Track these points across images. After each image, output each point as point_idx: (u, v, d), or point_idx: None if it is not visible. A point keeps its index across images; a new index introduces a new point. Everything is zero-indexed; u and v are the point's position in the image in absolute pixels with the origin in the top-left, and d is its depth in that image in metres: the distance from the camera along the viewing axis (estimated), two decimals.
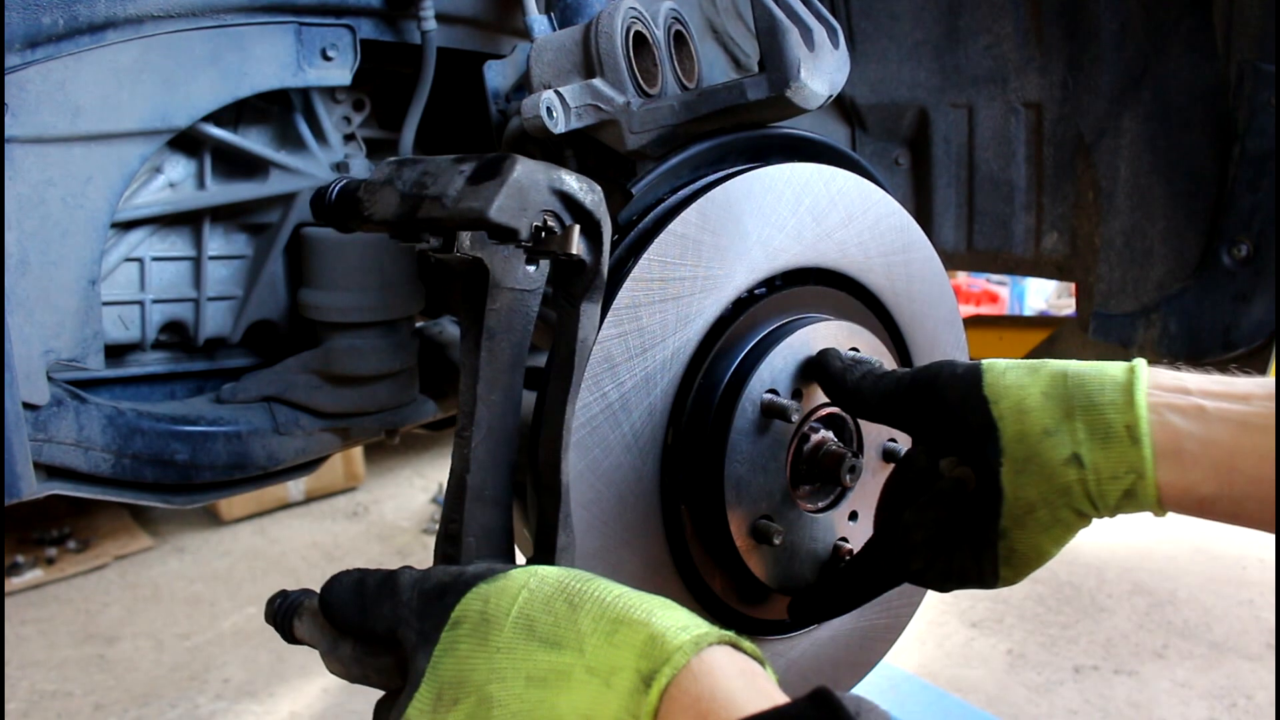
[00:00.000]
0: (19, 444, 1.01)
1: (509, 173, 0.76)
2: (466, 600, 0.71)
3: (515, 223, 0.76)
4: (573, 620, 0.66)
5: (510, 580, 0.71)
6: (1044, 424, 0.78)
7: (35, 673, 3.43)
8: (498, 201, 0.75)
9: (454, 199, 0.77)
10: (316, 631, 0.82)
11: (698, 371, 0.96)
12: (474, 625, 0.69)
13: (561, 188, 0.79)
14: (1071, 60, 1.58)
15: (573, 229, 0.79)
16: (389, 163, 0.86)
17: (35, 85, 0.98)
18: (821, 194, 1.04)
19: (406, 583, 0.75)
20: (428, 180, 0.81)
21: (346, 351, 1.28)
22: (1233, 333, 1.50)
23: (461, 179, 0.78)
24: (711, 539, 0.98)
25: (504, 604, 0.69)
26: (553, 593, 0.69)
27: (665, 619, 0.64)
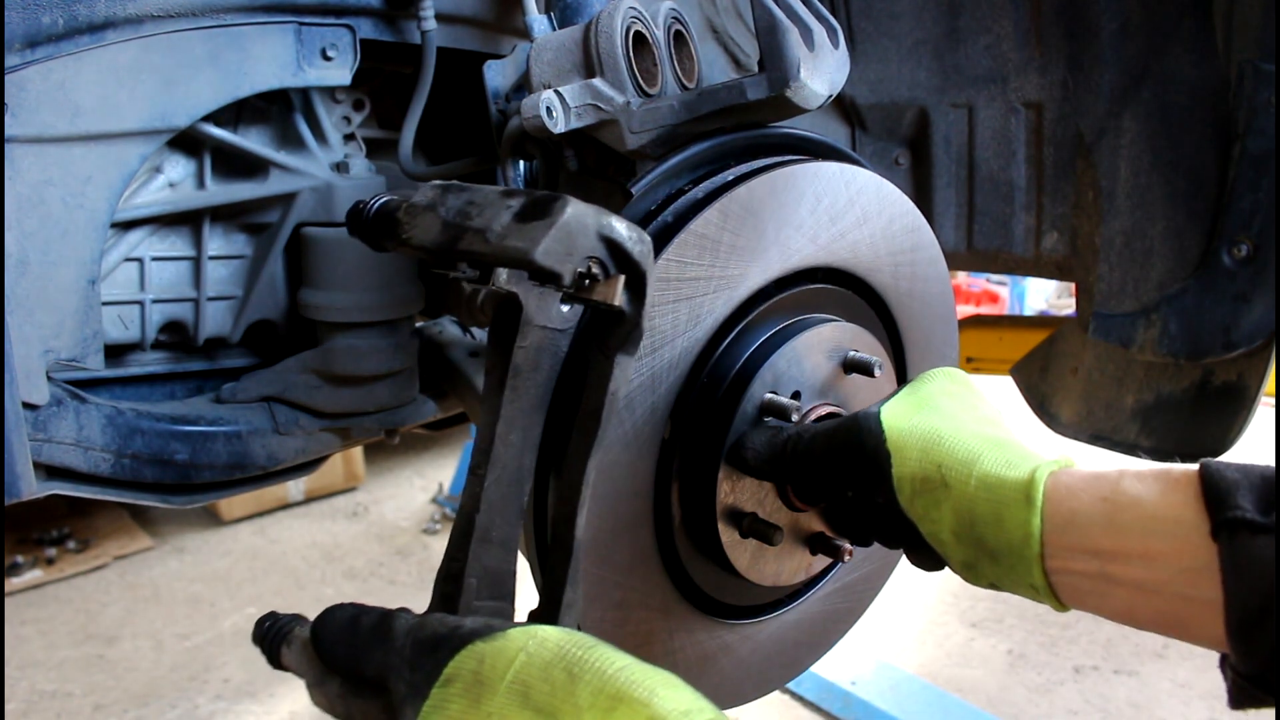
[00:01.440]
0: (19, 444, 1.01)
1: (559, 214, 0.73)
2: (461, 657, 0.68)
3: (560, 267, 0.73)
4: (570, 691, 0.63)
5: (508, 641, 0.68)
6: (962, 559, 0.84)
7: (35, 673, 3.43)
8: (544, 244, 0.72)
9: (499, 235, 0.75)
10: (305, 663, 0.80)
11: (702, 369, 0.96)
12: (466, 685, 0.67)
13: (611, 235, 0.76)
14: (1071, 60, 1.58)
15: (617, 279, 0.76)
16: (434, 186, 0.83)
17: (35, 85, 0.98)
18: (841, 194, 1.04)
19: (401, 629, 0.73)
20: (472, 211, 0.78)
21: (346, 351, 1.28)
22: (1233, 332, 1.50)
23: (509, 214, 0.75)
24: (699, 532, 0.98)
25: (500, 666, 0.66)
26: (552, 659, 0.66)
27: (667, 700, 0.62)
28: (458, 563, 0.83)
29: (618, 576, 0.95)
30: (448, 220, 0.78)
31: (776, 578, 1.04)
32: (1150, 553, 0.74)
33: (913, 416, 0.88)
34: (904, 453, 0.86)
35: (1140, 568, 0.75)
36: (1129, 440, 1.70)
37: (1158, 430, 1.66)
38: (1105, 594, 0.77)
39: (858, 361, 1.03)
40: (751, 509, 0.99)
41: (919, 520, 0.85)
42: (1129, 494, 0.76)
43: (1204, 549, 0.71)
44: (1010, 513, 0.80)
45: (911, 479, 0.85)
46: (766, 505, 1.00)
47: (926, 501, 0.84)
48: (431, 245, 0.79)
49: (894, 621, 3.61)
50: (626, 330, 0.79)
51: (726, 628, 1.07)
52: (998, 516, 0.80)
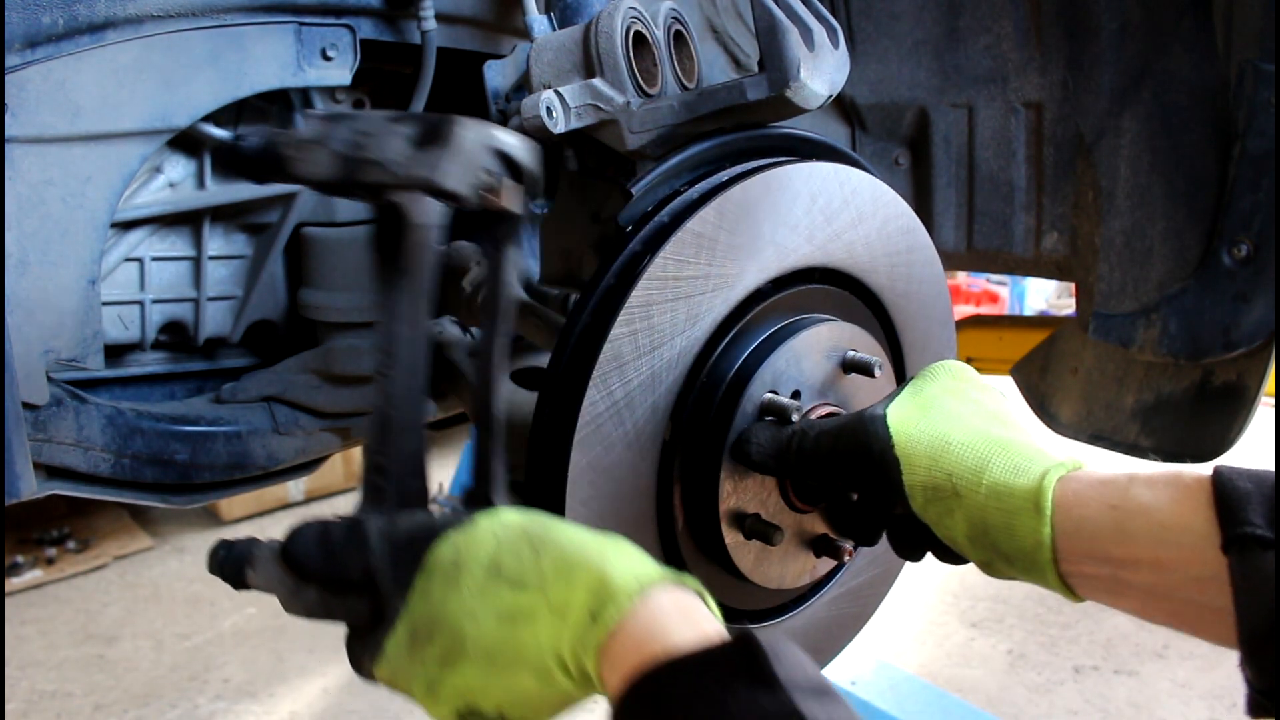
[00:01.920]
0: (19, 444, 1.01)
1: (454, 138, 0.78)
2: (439, 549, 0.77)
3: (461, 188, 0.79)
4: (536, 563, 0.73)
5: (478, 529, 0.77)
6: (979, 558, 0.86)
7: (35, 673, 3.43)
8: (444, 168, 0.78)
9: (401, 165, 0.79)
10: (274, 579, 0.84)
11: (701, 369, 0.96)
12: (446, 571, 0.75)
13: (500, 147, 0.81)
14: (1071, 60, 1.58)
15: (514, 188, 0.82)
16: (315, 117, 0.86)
17: (35, 85, 0.98)
18: (836, 194, 1.04)
19: (374, 534, 0.80)
20: (366, 142, 0.81)
21: (346, 351, 1.28)
22: (1233, 332, 1.50)
23: (403, 143, 0.79)
24: (702, 533, 0.98)
25: (475, 551, 0.75)
26: (518, 538, 0.75)
27: (616, 561, 0.72)
28: (382, 455, 0.89)
29: None
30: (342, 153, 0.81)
31: (781, 581, 1.04)
32: (1160, 561, 0.75)
33: (919, 420, 0.89)
34: (913, 460, 0.87)
35: (1150, 573, 0.76)
36: (1129, 440, 1.70)
37: (1158, 430, 1.66)
38: (1118, 594, 0.79)
39: (857, 361, 1.03)
40: (754, 510, 0.99)
41: (934, 525, 0.87)
42: (1138, 501, 0.77)
43: (1214, 558, 0.72)
44: (1021, 521, 0.81)
45: (923, 488, 0.86)
46: (769, 506, 1.00)
47: (939, 509, 0.86)
48: (327, 178, 0.82)
49: (894, 621, 3.61)
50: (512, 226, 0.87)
51: None
52: (1009, 526, 0.82)
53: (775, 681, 0.60)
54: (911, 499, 0.87)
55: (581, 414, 0.88)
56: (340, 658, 3.54)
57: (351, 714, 3.17)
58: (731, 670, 0.62)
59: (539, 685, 0.72)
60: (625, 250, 0.93)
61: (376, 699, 3.23)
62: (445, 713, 0.76)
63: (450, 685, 0.74)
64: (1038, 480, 0.81)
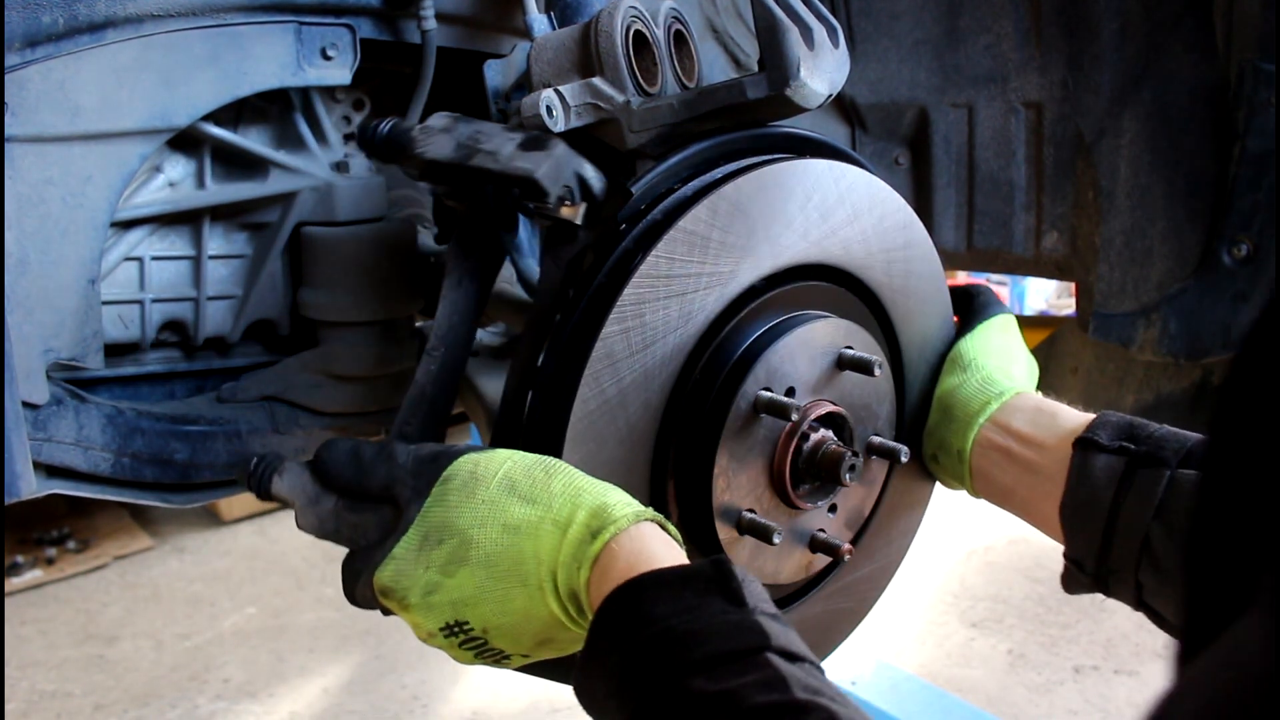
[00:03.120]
0: (19, 443, 1.01)
1: (554, 149, 0.95)
2: (459, 462, 0.84)
3: (551, 187, 0.93)
4: (547, 484, 0.81)
5: (496, 453, 0.85)
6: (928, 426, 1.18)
7: (35, 673, 3.43)
8: (544, 168, 0.93)
9: (509, 157, 0.95)
10: (297, 487, 0.93)
11: (695, 366, 0.97)
12: (463, 481, 0.83)
13: (581, 171, 0.97)
14: (1071, 60, 1.58)
15: (581, 205, 0.96)
16: (445, 115, 1.02)
17: (35, 84, 0.98)
18: (830, 191, 1.04)
19: (401, 450, 0.88)
20: (481, 138, 0.97)
21: (346, 351, 1.28)
22: (1233, 332, 1.50)
23: (512, 144, 0.96)
24: (696, 530, 0.99)
25: (492, 467, 0.83)
26: (533, 464, 0.84)
27: (616, 495, 0.81)
28: (410, 426, 1.03)
29: None
30: (461, 141, 0.97)
31: (776, 576, 1.04)
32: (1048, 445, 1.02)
33: None
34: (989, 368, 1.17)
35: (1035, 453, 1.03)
36: None
37: None
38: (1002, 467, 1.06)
39: (855, 360, 1.03)
40: (749, 506, 0.99)
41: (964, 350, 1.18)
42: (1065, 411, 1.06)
43: None
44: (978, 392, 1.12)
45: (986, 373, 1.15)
46: (764, 503, 1.00)
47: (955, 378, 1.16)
48: (445, 160, 0.98)
49: (894, 621, 3.61)
50: (578, 246, 0.97)
51: None
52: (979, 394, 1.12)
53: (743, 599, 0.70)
54: None
55: (574, 411, 0.89)
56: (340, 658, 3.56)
57: (351, 714, 3.17)
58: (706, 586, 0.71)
59: (528, 601, 0.79)
60: (618, 248, 0.94)
61: (376, 699, 3.23)
62: (434, 623, 0.82)
63: (446, 591, 0.80)
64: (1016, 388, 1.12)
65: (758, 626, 0.67)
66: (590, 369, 0.89)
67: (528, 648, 0.84)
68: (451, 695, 3.26)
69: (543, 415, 0.92)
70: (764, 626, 0.67)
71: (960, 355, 1.16)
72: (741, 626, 0.67)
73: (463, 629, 0.81)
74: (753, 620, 0.68)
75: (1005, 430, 1.06)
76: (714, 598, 0.69)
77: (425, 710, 3.19)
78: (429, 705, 3.21)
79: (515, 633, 0.81)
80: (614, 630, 0.71)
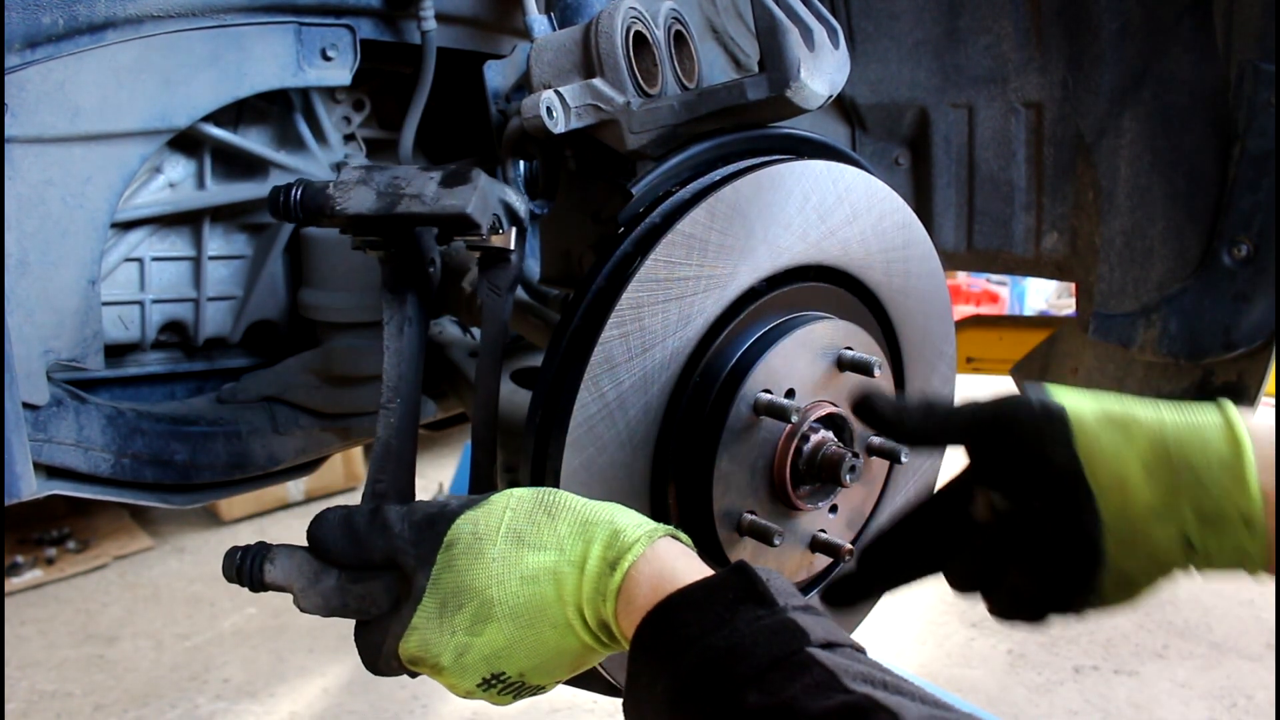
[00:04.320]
0: (19, 444, 1.01)
1: (477, 180, 0.96)
2: (458, 525, 0.82)
3: (482, 219, 0.96)
4: (553, 527, 0.80)
5: (493, 504, 0.83)
6: (1150, 503, 0.77)
7: (35, 673, 3.43)
8: (474, 202, 0.95)
9: (434, 197, 0.95)
10: (293, 571, 0.88)
11: (695, 369, 0.96)
12: (467, 544, 0.81)
13: (504, 198, 0.99)
14: (1071, 60, 1.58)
15: (511, 230, 0.99)
16: (356, 168, 1.01)
17: (35, 85, 0.98)
18: (829, 191, 1.04)
19: (395, 517, 0.86)
20: (401, 183, 0.97)
21: (346, 351, 1.28)
22: (1233, 333, 1.50)
23: (433, 184, 0.96)
24: (696, 531, 0.98)
25: (493, 523, 0.81)
26: (533, 507, 0.82)
27: (624, 518, 0.80)
28: (382, 483, 1.03)
29: None
30: (381, 191, 0.97)
31: None
32: None
33: None
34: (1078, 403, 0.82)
35: None
36: None
37: None
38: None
39: (855, 361, 1.03)
40: (749, 509, 0.99)
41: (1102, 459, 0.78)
42: None
43: None
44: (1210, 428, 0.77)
45: (1094, 415, 0.80)
46: (764, 504, 1.00)
47: (1116, 433, 0.79)
48: (370, 212, 0.97)
49: (894, 621, 3.61)
50: (512, 272, 1.00)
51: None
52: (1198, 433, 0.77)
53: (772, 600, 0.69)
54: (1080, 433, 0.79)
55: (573, 415, 0.89)
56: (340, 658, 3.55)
57: (351, 714, 3.17)
58: (734, 595, 0.70)
59: (559, 639, 0.79)
60: (616, 252, 0.93)
61: (376, 699, 3.23)
62: (471, 682, 0.81)
63: (478, 649, 0.80)
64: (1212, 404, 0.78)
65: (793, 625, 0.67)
66: (589, 373, 0.89)
67: (565, 674, 0.84)
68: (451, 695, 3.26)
69: (543, 420, 0.92)
70: (799, 624, 0.67)
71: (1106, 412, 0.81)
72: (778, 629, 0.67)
73: (500, 679, 0.81)
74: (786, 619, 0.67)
75: None
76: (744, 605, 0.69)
77: (425, 710, 3.19)
78: (429, 705, 3.21)
79: (551, 667, 0.82)
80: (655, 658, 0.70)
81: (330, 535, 0.87)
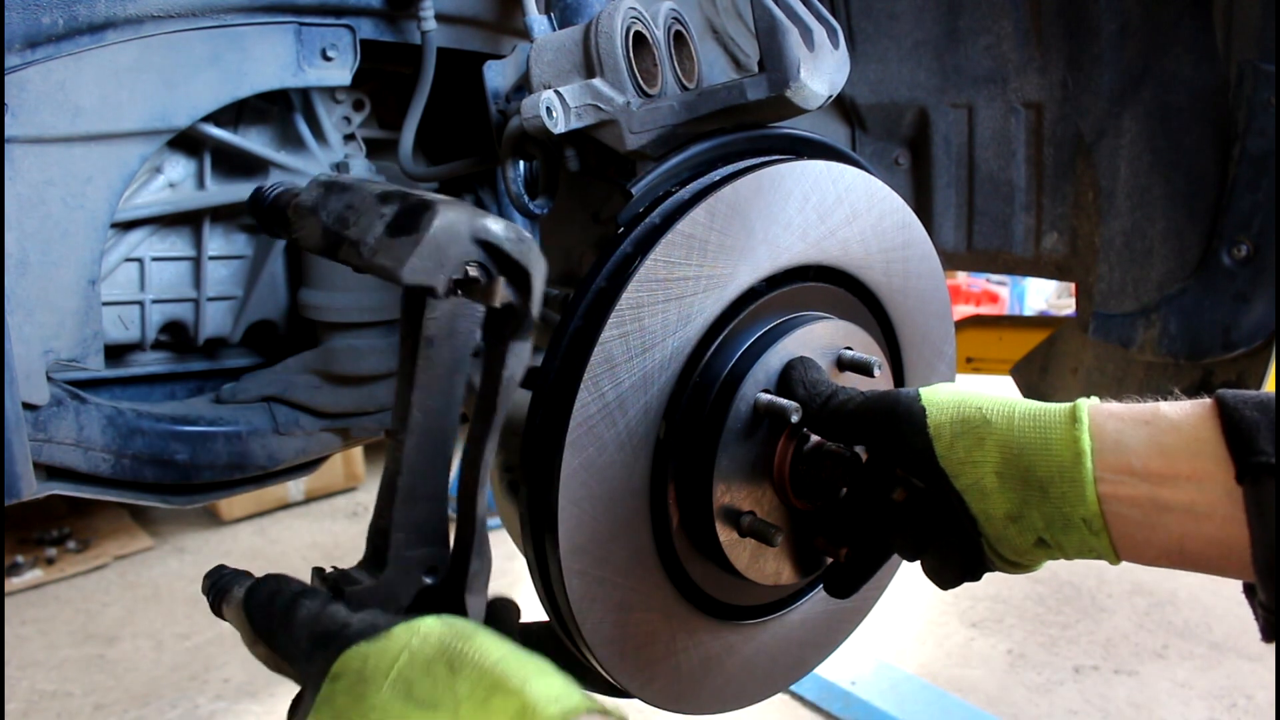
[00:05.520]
0: (19, 444, 1.01)
1: (426, 228, 0.74)
2: (346, 657, 0.73)
3: (430, 280, 0.75)
4: (450, 684, 0.68)
5: (391, 641, 0.72)
6: (1006, 509, 0.82)
7: (35, 673, 3.43)
8: (411, 262, 0.74)
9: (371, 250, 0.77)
10: (238, 622, 0.86)
11: (694, 369, 0.96)
12: (351, 683, 0.71)
13: (485, 237, 0.77)
14: (1071, 60, 1.58)
15: (497, 281, 0.77)
16: (319, 183, 0.86)
17: (35, 85, 0.98)
18: (829, 191, 1.04)
19: (303, 620, 0.79)
20: (350, 217, 0.80)
21: (346, 351, 1.28)
22: (1233, 333, 1.50)
23: (381, 224, 0.77)
24: (696, 533, 0.99)
25: (383, 664, 0.71)
26: (434, 655, 0.70)
27: (538, 689, 0.66)
28: (384, 519, 0.88)
29: (616, 577, 0.95)
30: (327, 225, 0.82)
31: (778, 577, 1.04)
32: (1199, 473, 0.74)
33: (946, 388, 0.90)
34: (939, 406, 0.86)
35: (1191, 489, 0.75)
36: None
37: None
38: (1156, 525, 0.76)
39: (854, 361, 1.03)
40: (749, 508, 0.99)
41: (960, 467, 0.83)
42: (1168, 418, 0.77)
43: None
44: (1057, 435, 0.79)
45: (950, 423, 0.85)
46: (764, 504, 1.00)
47: (968, 441, 0.83)
48: (315, 249, 0.84)
49: (894, 621, 3.61)
50: (517, 321, 0.81)
51: (730, 628, 1.07)
52: (1045, 441, 0.80)
53: None
54: (938, 439, 0.85)
55: (573, 416, 0.89)
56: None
57: None
58: None
59: None
60: (616, 252, 0.93)
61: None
62: None
63: None
64: (1069, 404, 0.81)
65: None
66: (589, 373, 0.89)
67: None
68: None
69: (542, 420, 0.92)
70: None
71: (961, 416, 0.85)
72: None
73: None
74: None
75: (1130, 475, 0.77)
76: None
77: None
78: None
79: None
80: None
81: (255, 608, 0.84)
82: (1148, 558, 0.79)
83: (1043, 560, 0.86)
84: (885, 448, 0.89)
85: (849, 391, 0.94)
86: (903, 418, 0.87)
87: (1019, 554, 0.84)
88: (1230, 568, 0.75)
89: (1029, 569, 0.88)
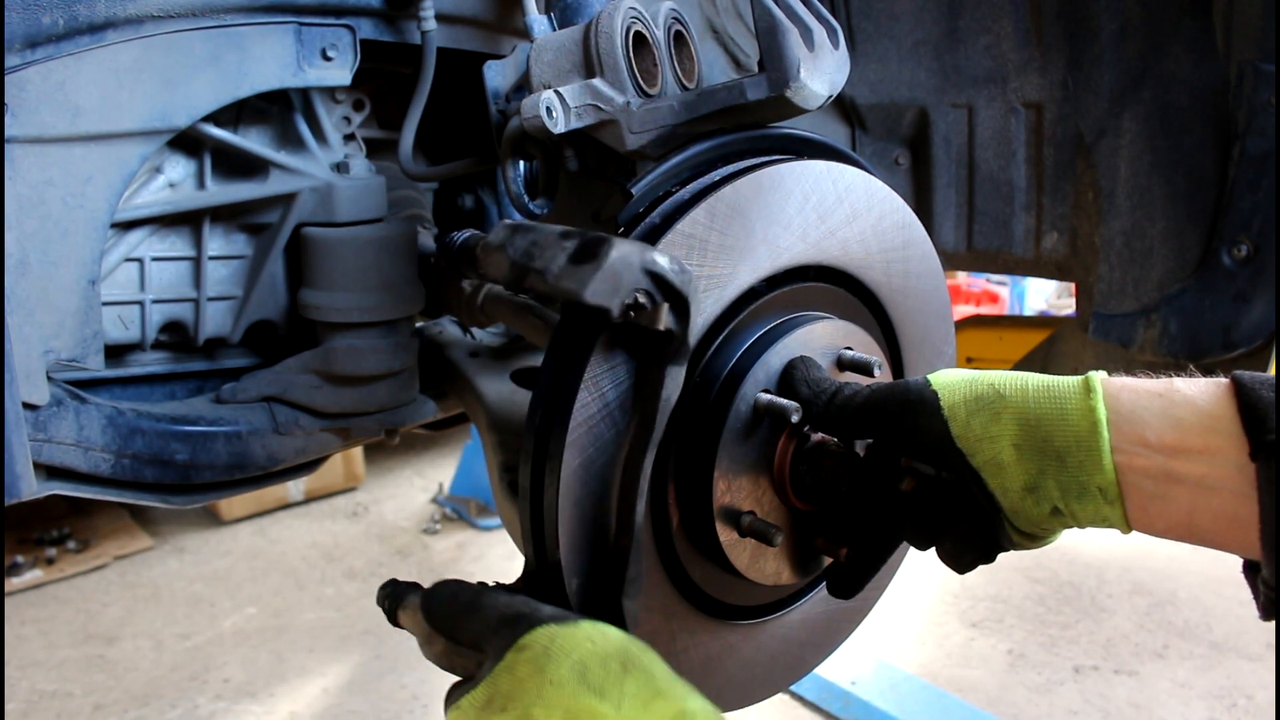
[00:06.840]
0: (19, 444, 1.01)
1: (605, 257, 0.84)
2: (536, 633, 0.80)
3: (607, 303, 0.84)
4: (621, 680, 0.76)
5: (579, 629, 0.80)
6: (1023, 481, 0.84)
7: (35, 673, 3.43)
8: (592, 285, 0.83)
9: (556, 276, 0.86)
10: (415, 625, 0.94)
11: (694, 369, 0.96)
12: (535, 654, 0.79)
13: (653, 269, 0.85)
14: (1071, 60, 1.58)
15: (661, 307, 0.86)
16: (506, 226, 0.94)
17: (35, 85, 0.98)
18: (829, 191, 1.04)
19: (490, 604, 0.87)
20: (535, 251, 0.89)
21: (346, 351, 1.28)
22: (1233, 333, 1.50)
23: (564, 256, 0.87)
24: (697, 533, 0.99)
25: (567, 647, 0.79)
26: (613, 651, 0.78)
27: (696, 704, 0.75)
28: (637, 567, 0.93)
29: None
30: (514, 260, 0.91)
31: (778, 577, 1.04)
32: (1211, 448, 0.76)
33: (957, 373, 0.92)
34: (951, 388, 0.88)
35: (1203, 463, 0.76)
36: None
37: None
38: (1167, 497, 0.78)
39: (854, 361, 1.03)
40: (749, 508, 0.99)
41: (977, 444, 0.85)
42: (1182, 392, 0.79)
43: None
44: (1073, 405, 0.81)
45: (965, 401, 0.86)
46: (764, 504, 1.00)
47: (985, 417, 0.85)
48: (502, 280, 0.92)
49: (894, 621, 3.61)
50: (675, 346, 0.88)
51: (730, 628, 1.07)
52: (1061, 411, 0.82)
53: None
54: (953, 419, 0.86)
55: (573, 415, 0.89)
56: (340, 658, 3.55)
57: (351, 714, 3.17)
58: None
59: None
60: None
61: (377, 699, 3.23)
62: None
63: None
64: (1080, 377, 0.82)
65: None
66: (589, 373, 0.89)
67: None
68: None
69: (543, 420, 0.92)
70: None
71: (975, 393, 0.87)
72: None
73: None
74: None
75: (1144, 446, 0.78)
76: None
77: (425, 710, 3.19)
78: (429, 705, 3.21)
79: None
80: None
81: (436, 605, 0.91)
82: (1157, 529, 0.81)
83: (1058, 530, 0.87)
84: (898, 436, 0.90)
85: (854, 386, 0.95)
86: (915, 404, 0.88)
87: (1035, 524, 0.85)
88: (1235, 543, 0.77)
89: (1044, 542, 0.89)
